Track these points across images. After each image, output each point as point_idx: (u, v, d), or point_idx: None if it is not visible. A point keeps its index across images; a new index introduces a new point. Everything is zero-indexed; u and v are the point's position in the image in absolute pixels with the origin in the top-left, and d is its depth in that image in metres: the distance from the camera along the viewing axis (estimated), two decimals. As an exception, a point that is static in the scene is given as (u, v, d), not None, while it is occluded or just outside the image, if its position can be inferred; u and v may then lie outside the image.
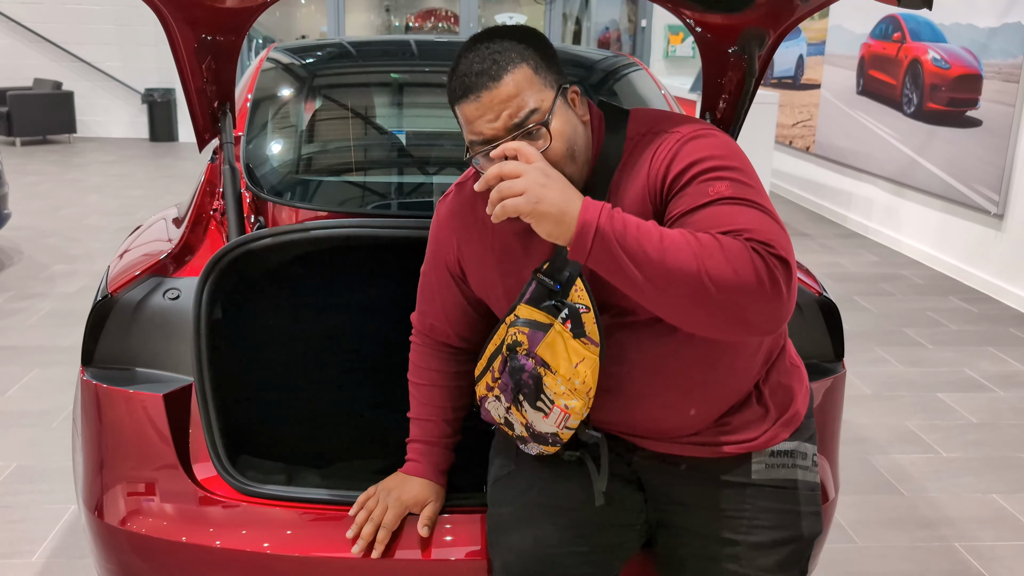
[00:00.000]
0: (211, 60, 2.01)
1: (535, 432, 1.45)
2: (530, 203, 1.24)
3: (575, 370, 1.36)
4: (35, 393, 3.77)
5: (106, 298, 1.81)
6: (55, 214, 7.17)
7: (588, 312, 1.36)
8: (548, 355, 1.38)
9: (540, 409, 1.41)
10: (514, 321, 1.42)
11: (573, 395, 1.37)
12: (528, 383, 1.40)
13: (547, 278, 1.39)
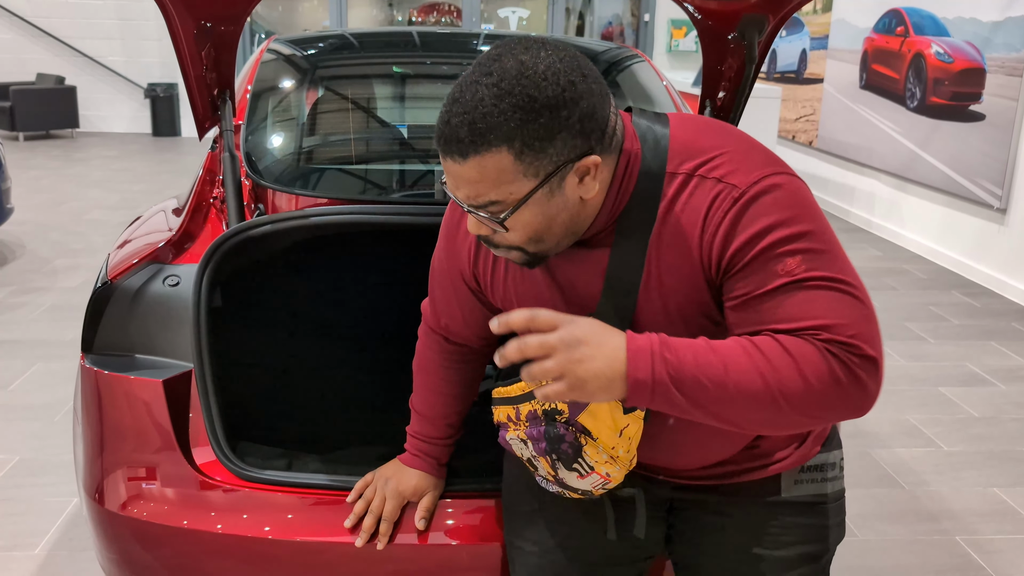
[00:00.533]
0: (210, 47, 2.01)
1: (563, 483, 1.36)
2: (572, 388, 1.10)
3: (619, 439, 1.26)
4: (37, 387, 3.78)
5: (106, 285, 1.82)
6: (57, 208, 7.18)
7: None
8: (590, 423, 1.26)
9: (576, 470, 1.31)
10: None
11: (615, 463, 1.28)
12: (567, 452, 1.29)
13: None
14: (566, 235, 1.19)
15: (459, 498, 1.70)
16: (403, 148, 2.71)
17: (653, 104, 2.76)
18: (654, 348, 1.11)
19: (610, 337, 1.12)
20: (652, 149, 1.20)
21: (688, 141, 1.20)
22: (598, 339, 1.11)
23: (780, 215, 1.12)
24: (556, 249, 1.21)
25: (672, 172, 1.19)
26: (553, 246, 1.20)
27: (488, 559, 1.67)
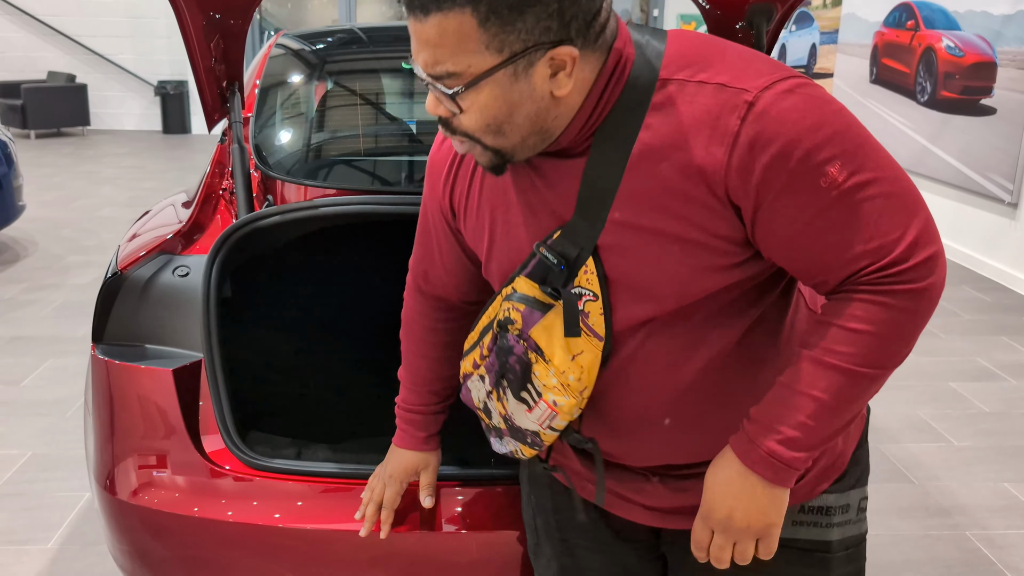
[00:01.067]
0: (219, 39, 2.02)
1: (513, 426, 1.25)
2: (768, 536, 1.13)
3: (571, 362, 1.14)
4: (50, 382, 3.80)
5: (116, 275, 1.83)
6: (69, 206, 7.21)
7: (596, 301, 1.12)
8: (543, 340, 1.15)
9: (524, 401, 1.20)
10: (510, 295, 1.19)
11: (565, 391, 1.15)
12: (515, 368, 1.18)
13: (551, 255, 1.12)
14: (532, 133, 1.06)
15: (467, 486, 1.71)
16: (411, 140, 2.72)
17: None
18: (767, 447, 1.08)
19: (731, 479, 1.11)
20: (646, 56, 1.07)
21: (686, 49, 1.07)
22: (734, 496, 1.11)
23: (807, 119, 1.00)
24: (521, 149, 1.08)
25: (666, 78, 1.06)
26: (517, 143, 1.07)
27: (496, 547, 1.67)
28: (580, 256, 1.11)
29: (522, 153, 1.09)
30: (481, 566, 1.70)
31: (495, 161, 1.10)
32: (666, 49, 1.07)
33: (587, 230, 1.10)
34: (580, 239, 1.11)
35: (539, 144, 1.08)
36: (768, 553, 1.14)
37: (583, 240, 1.11)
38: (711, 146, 1.01)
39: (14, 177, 5.52)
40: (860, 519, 1.32)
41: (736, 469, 1.10)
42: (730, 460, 1.11)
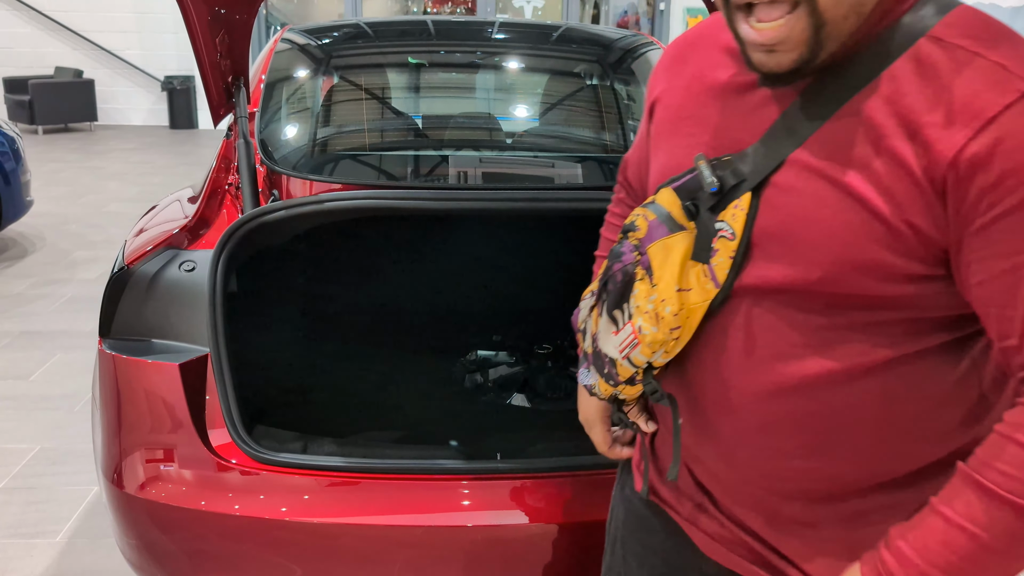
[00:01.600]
0: (224, 34, 2.02)
1: (597, 350, 1.12)
2: None
3: (675, 294, 1.00)
4: (58, 377, 3.81)
5: (123, 270, 1.84)
6: (76, 201, 7.23)
7: (731, 241, 0.98)
8: (658, 258, 1.01)
9: (614, 320, 1.06)
10: (649, 202, 1.06)
11: (655, 322, 1.01)
12: (616, 277, 1.06)
13: (708, 172, 0.99)
14: (852, 9, 0.90)
15: (478, 479, 1.71)
16: (417, 135, 2.72)
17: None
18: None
19: None
20: (929, 5, 0.94)
21: (977, 20, 0.93)
22: None
23: None
24: (838, 29, 0.91)
25: (938, 37, 0.91)
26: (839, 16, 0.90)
27: (504, 541, 1.68)
28: (739, 187, 0.98)
29: (836, 37, 0.91)
30: (487, 559, 1.70)
31: (804, 55, 0.92)
32: (955, 11, 0.94)
33: (760, 163, 0.97)
34: (748, 170, 0.98)
35: (847, 36, 0.92)
36: None
37: (751, 172, 0.97)
38: (954, 123, 0.85)
39: (22, 172, 5.53)
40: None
41: None
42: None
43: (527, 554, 1.71)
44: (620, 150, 2.70)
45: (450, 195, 1.97)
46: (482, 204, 1.97)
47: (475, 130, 2.77)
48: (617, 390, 1.14)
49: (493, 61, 2.88)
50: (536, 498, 1.73)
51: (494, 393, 2.41)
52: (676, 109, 1.11)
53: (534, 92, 2.99)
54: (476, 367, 2.56)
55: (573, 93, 2.92)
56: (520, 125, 2.90)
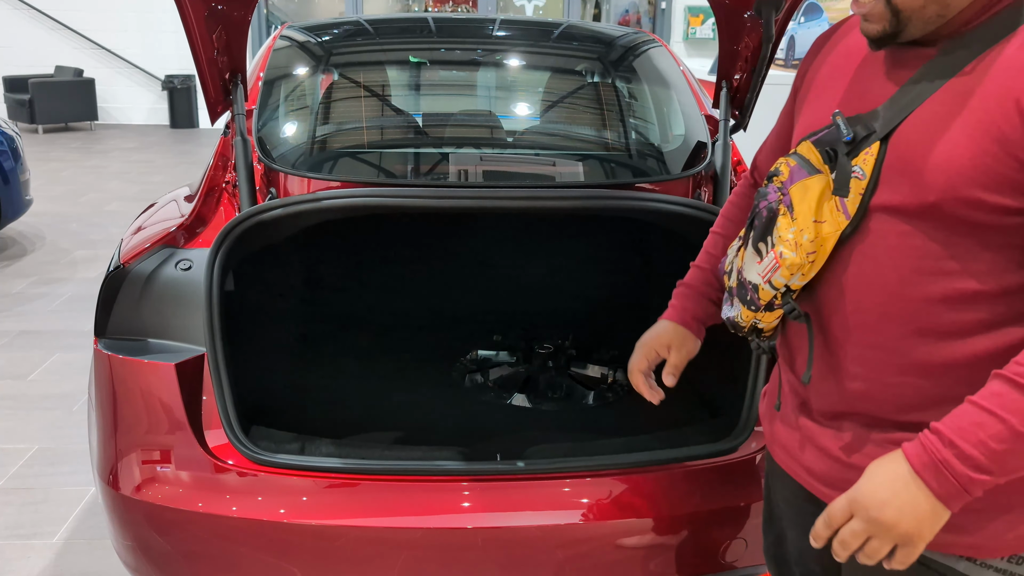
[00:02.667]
0: (221, 31, 2.00)
1: (741, 281, 1.29)
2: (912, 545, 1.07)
3: (812, 224, 1.18)
4: (57, 376, 3.80)
5: (118, 269, 1.82)
6: (77, 200, 7.22)
7: (862, 181, 1.17)
8: (797, 196, 1.20)
9: (758, 251, 1.25)
10: (791, 153, 1.26)
11: (795, 248, 1.19)
12: (763, 215, 1.24)
13: (844, 125, 1.19)
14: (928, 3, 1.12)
15: (477, 481, 1.69)
16: (417, 133, 2.70)
17: (670, 89, 2.73)
18: (940, 456, 1.05)
19: (896, 475, 1.08)
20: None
21: None
22: (892, 491, 1.07)
23: None
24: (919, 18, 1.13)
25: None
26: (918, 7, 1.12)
27: (503, 543, 1.66)
28: (869, 137, 1.17)
29: (917, 23, 1.13)
30: (485, 561, 1.68)
31: (888, 29, 1.15)
32: None
33: (888, 118, 1.16)
34: (877, 124, 1.17)
35: (935, 19, 1.13)
36: (903, 563, 1.09)
37: (880, 126, 1.16)
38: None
39: (21, 171, 5.51)
40: None
41: (905, 469, 1.07)
42: (899, 459, 1.09)
43: (526, 556, 1.69)
44: (621, 148, 2.68)
45: (449, 193, 1.95)
46: (482, 202, 1.95)
47: (475, 128, 2.75)
48: (757, 316, 1.30)
49: (494, 58, 2.86)
50: (535, 499, 1.71)
51: (494, 393, 2.39)
52: (820, 79, 1.32)
53: (535, 90, 2.97)
54: (476, 367, 2.54)
55: (575, 91, 2.90)
56: (521, 123, 2.88)
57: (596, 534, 1.70)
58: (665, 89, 2.74)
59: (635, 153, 2.64)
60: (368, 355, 2.38)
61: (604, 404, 2.37)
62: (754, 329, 1.34)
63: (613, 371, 2.49)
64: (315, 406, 2.12)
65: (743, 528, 1.77)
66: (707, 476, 1.78)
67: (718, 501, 1.75)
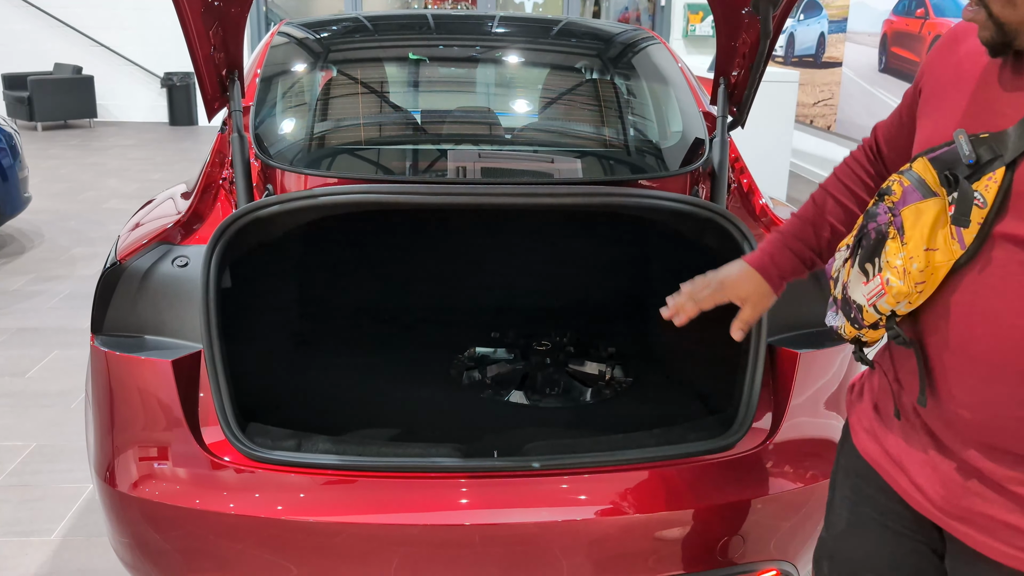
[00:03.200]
0: (218, 27, 2.00)
1: (846, 296, 1.27)
2: None
3: (923, 252, 1.14)
4: (55, 374, 3.79)
5: (115, 266, 1.81)
6: (75, 197, 7.21)
7: (982, 209, 1.10)
8: (910, 220, 1.15)
9: (864, 272, 1.22)
10: (905, 170, 1.20)
11: (903, 276, 1.16)
12: (870, 235, 1.21)
13: (967, 146, 1.12)
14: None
15: (475, 477, 1.69)
16: (415, 129, 2.70)
17: (668, 86, 2.72)
18: None
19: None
20: None
21: None
22: None
23: None
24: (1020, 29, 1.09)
25: None
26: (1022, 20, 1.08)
27: (500, 540, 1.66)
28: (994, 161, 1.10)
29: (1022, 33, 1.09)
30: (483, 558, 1.68)
31: (996, 38, 1.11)
32: None
33: (1018, 143, 1.08)
34: (1006, 149, 1.09)
35: None
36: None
37: (1008, 150, 1.09)
38: None
39: (19, 168, 5.51)
40: None
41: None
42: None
43: (524, 552, 1.69)
44: (619, 145, 2.67)
45: (446, 189, 1.94)
46: (479, 199, 1.95)
47: (474, 124, 2.74)
48: (860, 333, 1.29)
49: (493, 55, 2.86)
50: (533, 496, 1.71)
51: (492, 390, 2.39)
52: (945, 85, 1.24)
53: (534, 86, 2.97)
54: (474, 364, 2.54)
55: (573, 88, 2.89)
56: (519, 119, 2.88)
57: (594, 530, 1.70)
58: (663, 86, 2.74)
59: (633, 150, 2.64)
60: (365, 351, 2.38)
61: (602, 401, 2.37)
62: (857, 341, 1.32)
63: (611, 368, 2.49)
64: (312, 403, 2.12)
65: (741, 524, 1.77)
66: (705, 472, 1.78)
67: (716, 497, 1.75)
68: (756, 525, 1.78)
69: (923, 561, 1.31)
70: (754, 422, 1.82)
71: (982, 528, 1.17)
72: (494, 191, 1.96)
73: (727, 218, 1.90)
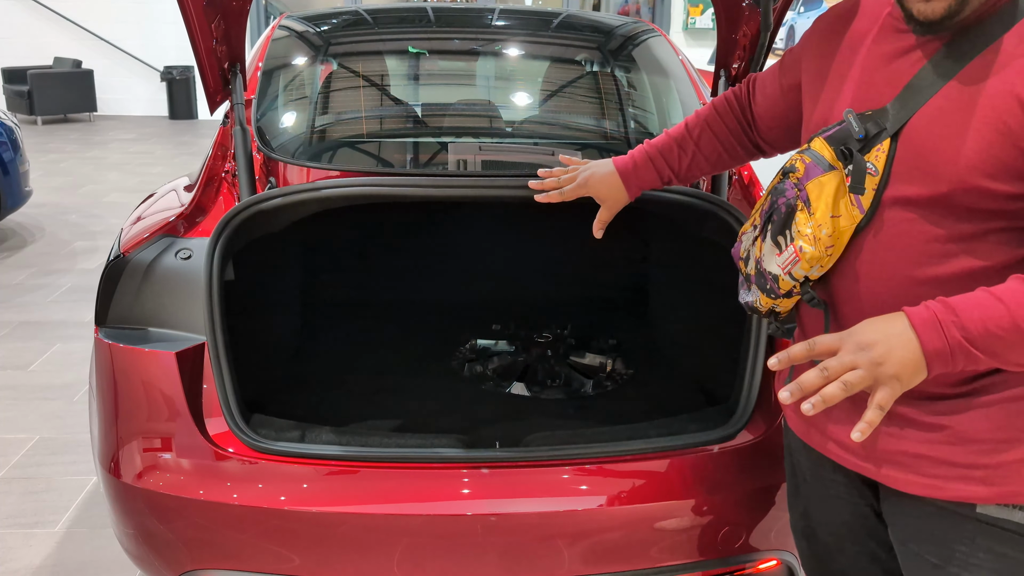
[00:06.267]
0: (220, 20, 2.00)
1: (760, 270, 1.38)
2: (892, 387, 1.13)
3: (829, 219, 1.26)
4: (57, 367, 3.81)
5: (118, 258, 1.82)
6: (76, 191, 7.22)
7: (874, 177, 1.24)
8: (814, 193, 1.28)
9: (777, 244, 1.33)
10: (804, 149, 1.33)
11: (813, 242, 1.27)
12: (780, 209, 1.32)
13: (856, 123, 1.26)
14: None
15: (478, 467, 1.70)
16: (416, 122, 2.70)
17: (669, 79, 2.73)
18: (940, 317, 1.12)
19: (893, 325, 1.14)
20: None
21: None
22: (883, 334, 1.14)
23: None
24: None
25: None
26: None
27: (503, 530, 1.67)
28: (880, 135, 1.24)
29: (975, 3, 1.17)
30: (486, 547, 1.69)
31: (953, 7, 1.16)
32: None
33: (898, 115, 1.22)
34: (888, 122, 1.23)
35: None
36: (883, 403, 1.13)
37: (891, 124, 1.23)
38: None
39: (20, 162, 5.52)
40: None
41: (903, 323, 1.14)
42: (899, 316, 1.15)
43: (526, 542, 1.70)
44: (621, 137, 2.68)
45: (448, 182, 1.95)
46: (480, 191, 1.96)
47: (475, 117, 2.75)
48: (775, 303, 1.38)
49: (493, 48, 2.86)
50: (535, 486, 1.72)
51: (493, 382, 2.40)
52: (827, 68, 1.37)
53: (535, 79, 2.97)
54: (475, 356, 2.55)
55: (574, 80, 2.90)
56: (521, 112, 2.88)
57: (596, 520, 1.71)
58: (664, 78, 2.74)
59: (634, 142, 2.64)
60: (366, 343, 2.39)
61: (603, 393, 2.38)
62: (772, 312, 1.42)
63: (612, 360, 2.50)
64: (314, 394, 2.13)
65: (741, 514, 1.78)
66: (706, 463, 1.79)
67: (717, 487, 1.76)
68: (757, 515, 1.79)
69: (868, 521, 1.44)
70: (755, 412, 1.83)
71: (901, 465, 1.27)
72: (495, 183, 1.97)
73: (728, 210, 1.91)
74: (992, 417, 1.21)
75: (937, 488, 1.25)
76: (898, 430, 1.28)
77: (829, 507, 1.49)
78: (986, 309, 1.11)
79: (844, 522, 1.47)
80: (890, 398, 1.13)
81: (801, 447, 1.49)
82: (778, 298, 1.37)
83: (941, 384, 1.23)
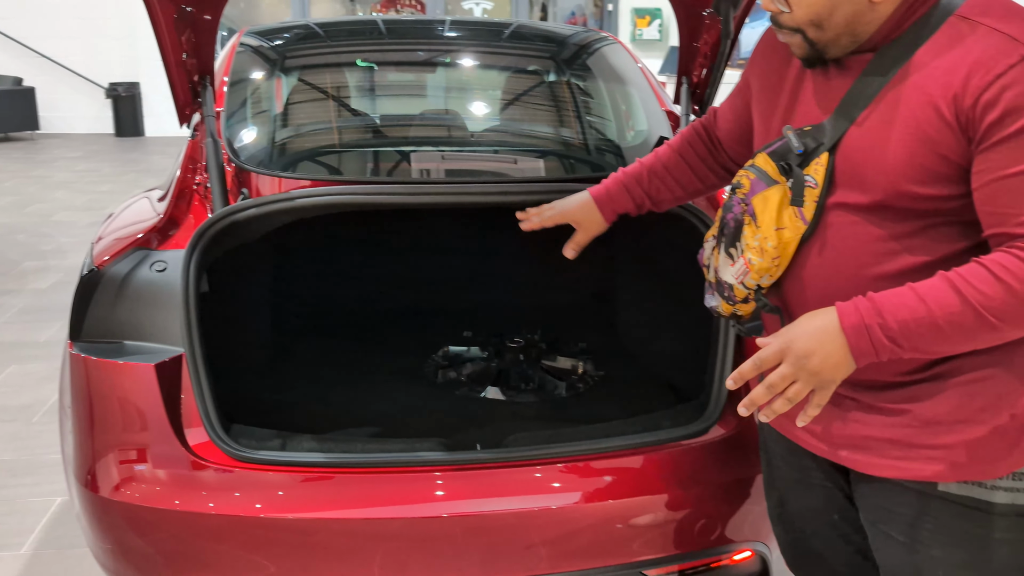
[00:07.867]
0: (190, 33, 2.00)
1: (718, 279, 1.46)
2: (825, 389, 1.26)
3: (774, 232, 1.34)
4: (14, 389, 3.73)
5: (92, 272, 1.81)
6: (22, 211, 7.08)
7: (815, 189, 1.31)
8: (759, 207, 1.35)
9: (730, 255, 1.41)
10: (750, 165, 1.40)
11: (761, 254, 1.35)
12: (730, 225, 1.40)
13: (795, 139, 1.33)
14: (845, 32, 1.26)
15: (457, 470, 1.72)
16: (382, 132, 2.72)
17: (626, 85, 2.78)
18: (867, 321, 1.21)
19: (825, 329, 1.23)
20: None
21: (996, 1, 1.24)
22: (819, 342, 1.23)
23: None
24: (834, 46, 1.28)
25: (965, 16, 1.23)
26: (831, 39, 1.27)
27: (483, 531, 1.69)
28: (818, 149, 1.31)
29: (833, 50, 1.29)
30: (466, 549, 1.71)
31: (810, 53, 1.30)
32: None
33: (833, 131, 1.30)
34: (825, 137, 1.31)
35: (849, 44, 1.28)
36: (821, 401, 1.26)
37: (827, 139, 1.30)
38: (974, 77, 1.17)
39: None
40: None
41: (833, 323, 1.23)
42: (831, 314, 1.24)
43: (506, 543, 1.73)
44: (580, 144, 2.73)
45: (421, 189, 1.98)
46: (453, 198, 1.98)
47: (439, 127, 2.78)
48: (735, 308, 1.45)
49: (456, 59, 2.90)
50: (515, 486, 1.75)
51: (468, 387, 2.42)
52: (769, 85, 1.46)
53: (497, 89, 3.01)
54: (448, 363, 2.57)
55: (533, 88, 2.94)
56: (484, 122, 2.91)
57: (575, 518, 1.74)
58: (623, 86, 2.80)
59: (596, 149, 2.69)
60: (340, 353, 2.39)
61: (576, 394, 2.42)
62: (734, 315, 1.49)
63: (583, 362, 2.54)
64: (293, 403, 2.13)
65: (716, 507, 1.83)
66: (680, 458, 1.83)
67: (691, 481, 1.81)
68: (731, 507, 1.84)
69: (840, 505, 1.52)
70: (726, 407, 1.88)
71: (866, 450, 1.35)
72: (468, 190, 2.00)
73: (693, 213, 1.96)
74: (950, 400, 1.28)
75: (901, 469, 1.32)
76: (863, 416, 1.35)
77: (803, 493, 1.56)
78: (910, 310, 1.19)
79: (817, 507, 1.54)
80: (827, 396, 1.26)
81: (775, 437, 1.57)
82: (736, 304, 1.44)
83: (902, 373, 1.31)
